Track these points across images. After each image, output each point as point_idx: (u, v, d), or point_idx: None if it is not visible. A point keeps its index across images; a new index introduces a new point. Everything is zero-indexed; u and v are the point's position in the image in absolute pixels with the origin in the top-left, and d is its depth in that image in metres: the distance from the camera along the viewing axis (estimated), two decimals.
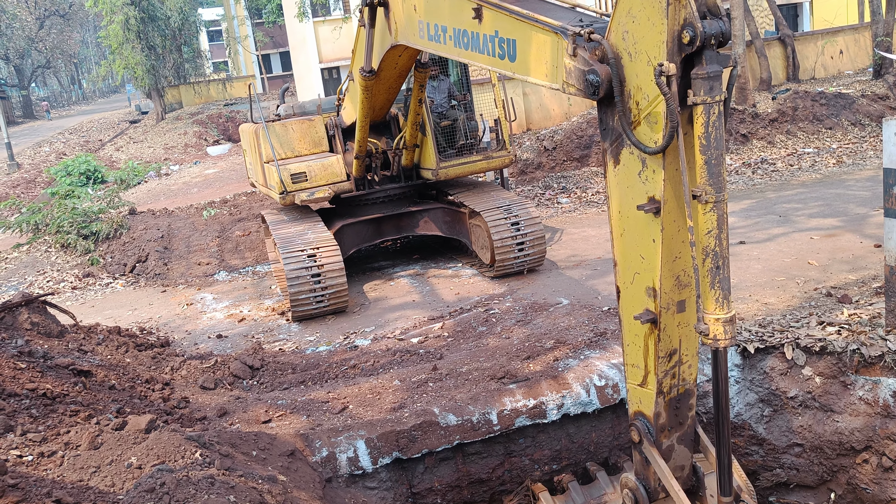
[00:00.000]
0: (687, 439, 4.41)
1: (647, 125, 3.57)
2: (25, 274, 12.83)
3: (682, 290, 3.92)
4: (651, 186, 3.67)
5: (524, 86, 19.24)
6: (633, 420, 4.39)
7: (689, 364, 4.17)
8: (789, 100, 17.47)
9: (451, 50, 5.05)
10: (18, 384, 5.24)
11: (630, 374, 4.29)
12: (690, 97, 3.41)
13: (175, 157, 27.37)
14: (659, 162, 3.58)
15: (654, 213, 3.69)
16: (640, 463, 4.47)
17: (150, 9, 33.24)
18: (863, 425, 5.86)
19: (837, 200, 11.40)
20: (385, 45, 6.94)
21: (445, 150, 10.20)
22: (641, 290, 3.96)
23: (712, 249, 3.54)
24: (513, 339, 7.47)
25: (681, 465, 4.44)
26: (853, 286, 7.64)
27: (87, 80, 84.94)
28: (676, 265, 3.84)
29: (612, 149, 3.84)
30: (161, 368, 7.43)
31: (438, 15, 5.16)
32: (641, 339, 4.09)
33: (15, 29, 53.21)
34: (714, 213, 3.50)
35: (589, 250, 10.55)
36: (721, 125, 3.44)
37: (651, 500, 4.50)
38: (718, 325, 3.60)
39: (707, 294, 3.60)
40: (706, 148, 3.44)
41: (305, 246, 9.02)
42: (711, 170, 3.45)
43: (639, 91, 3.54)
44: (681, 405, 4.28)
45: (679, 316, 3.98)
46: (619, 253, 4.04)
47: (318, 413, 6.21)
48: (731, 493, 4.10)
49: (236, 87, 43.10)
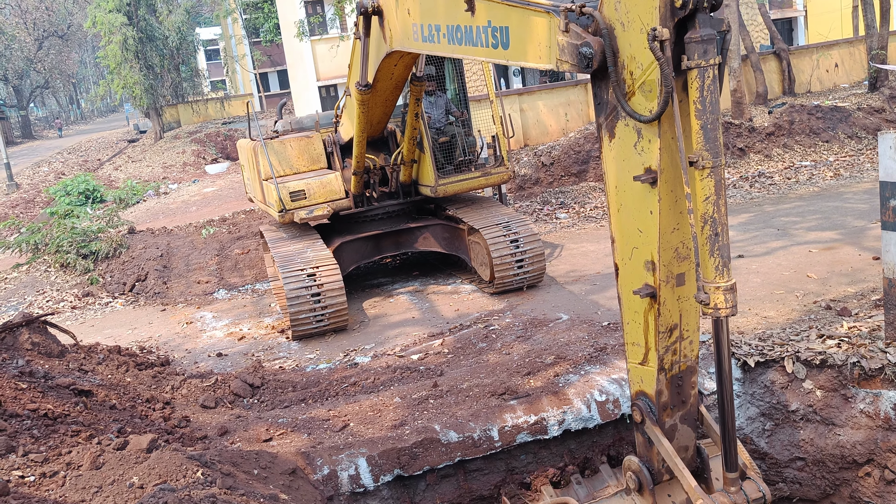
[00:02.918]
0: (690, 419, 4.31)
1: (641, 94, 3.56)
2: (25, 294, 12.82)
3: (681, 263, 3.88)
4: (647, 157, 3.64)
5: (521, 102, 19.35)
6: (635, 400, 4.29)
7: (691, 340, 4.11)
8: (786, 113, 17.55)
9: (446, 48, 5.08)
10: (20, 404, 5.24)
11: (631, 353, 4.21)
12: (684, 62, 3.40)
13: (174, 175, 27.43)
14: (654, 130, 3.56)
15: (651, 183, 3.65)
16: (642, 445, 4.37)
17: (148, 29, 33.47)
18: (864, 438, 5.86)
19: (835, 213, 11.43)
20: (381, 54, 7.00)
21: (444, 166, 10.23)
22: (640, 264, 3.90)
23: (710, 216, 3.50)
24: (513, 355, 7.47)
25: (684, 446, 4.33)
26: (852, 299, 7.65)
27: (85, 100, 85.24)
28: (675, 237, 3.80)
29: (608, 123, 3.82)
30: (161, 387, 7.41)
31: (432, 14, 5.21)
32: (641, 316, 4.02)
33: (14, 50, 53.46)
34: (712, 179, 3.47)
35: (588, 265, 10.56)
36: (716, 89, 3.42)
37: (655, 482, 4.37)
38: (719, 294, 3.54)
39: (706, 262, 3.54)
40: (702, 112, 3.42)
41: (305, 265, 9.02)
42: (708, 135, 3.43)
43: (632, 60, 3.53)
44: (683, 382, 4.19)
45: (679, 289, 3.92)
46: (616, 229, 4.00)
47: (319, 431, 6.19)
48: (738, 469, 4.01)
49: (234, 106, 43.27)
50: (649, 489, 4.36)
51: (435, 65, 10.72)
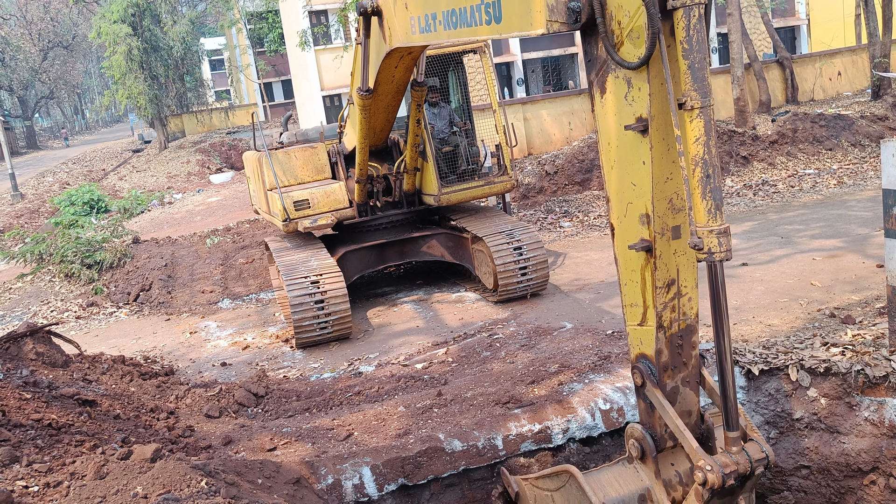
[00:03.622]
0: (692, 382, 4.20)
1: (630, 43, 3.61)
2: (30, 304, 12.86)
3: (676, 215, 3.86)
4: (638, 105, 3.66)
5: (525, 111, 19.39)
6: (635, 363, 4.19)
7: (689, 297, 4.04)
8: (789, 122, 17.56)
9: (443, 34, 5.15)
10: (24, 414, 5.25)
11: (629, 315, 4.15)
12: (670, 2, 3.43)
13: (178, 185, 27.53)
14: (643, 77, 3.58)
15: (643, 132, 3.66)
16: (644, 411, 4.25)
17: (152, 39, 33.65)
18: (869, 446, 5.84)
19: (839, 221, 11.42)
20: (381, 54, 7.12)
21: (447, 175, 10.25)
22: (635, 220, 3.89)
23: (701, 158, 3.49)
24: (517, 363, 7.47)
25: (687, 411, 4.20)
26: (856, 307, 7.64)
27: (90, 111, 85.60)
28: (668, 187, 3.79)
29: (598, 78, 3.85)
30: (166, 397, 7.42)
31: (430, 3, 5.29)
32: (638, 274, 3.98)
33: (19, 60, 53.79)
34: (701, 120, 3.47)
35: (592, 274, 10.56)
36: (702, 29, 3.44)
37: (658, 449, 4.24)
38: (712, 237, 3.49)
39: (698, 205, 3.52)
40: (688, 52, 3.43)
41: (309, 273, 9.05)
42: (695, 74, 3.44)
43: (619, 9, 3.59)
44: (683, 342, 4.10)
45: (675, 243, 3.89)
46: (611, 187, 3.99)
47: (324, 440, 6.19)
48: (738, 428, 3.91)
49: (239, 116, 43.44)
50: (652, 457, 4.23)
51: (439, 75, 10.76)
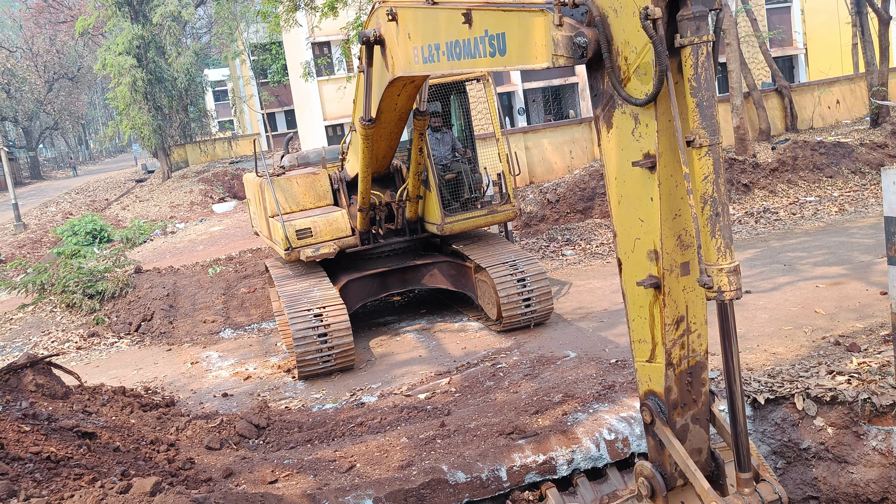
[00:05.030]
0: (702, 419, 4.16)
1: (637, 79, 3.59)
2: (31, 334, 12.82)
3: (685, 252, 3.84)
4: (645, 142, 3.65)
5: (527, 140, 19.49)
6: (644, 401, 4.14)
7: (699, 333, 4.01)
8: (789, 149, 17.63)
9: (446, 65, 5.17)
10: (22, 447, 5.20)
11: (637, 352, 4.11)
12: (678, 40, 3.43)
13: (181, 215, 27.59)
14: (651, 114, 3.58)
15: (651, 168, 3.65)
16: (653, 448, 4.20)
17: (157, 71, 33.97)
18: (878, 476, 5.77)
19: (841, 248, 11.40)
20: (384, 83, 7.17)
21: (450, 203, 10.25)
22: (643, 256, 3.87)
23: (710, 196, 3.48)
24: (521, 393, 7.41)
25: (697, 448, 4.16)
26: (861, 334, 7.59)
27: (94, 141, 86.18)
28: (677, 223, 3.77)
29: (605, 113, 3.84)
30: (166, 429, 7.36)
31: (432, 34, 5.33)
32: (647, 310, 3.94)
33: (24, 92, 54.25)
34: (709, 158, 3.46)
35: (595, 302, 10.53)
36: (710, 66, 3.44)
37: (668, 487, 4.17)
38: (722, 276, 3.48)
39: (708, 244, 3.51)
40: (696, 90, 3.44)
41: (312, 305, 8.99)
42: (704, 112, 3.44)
43: (626, 46, 3.58)
44: (693, 379, 4.06)
45: (684, 279, 3.87)
46: (618, 222, 3.97)
47: (326, 472, 6.13)
48: (750, 469, 3.86)
49: (242, 146, 43.69)
50: (662, 496, 4.17)
51: (441, 102, 10.82)
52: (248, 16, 36.30)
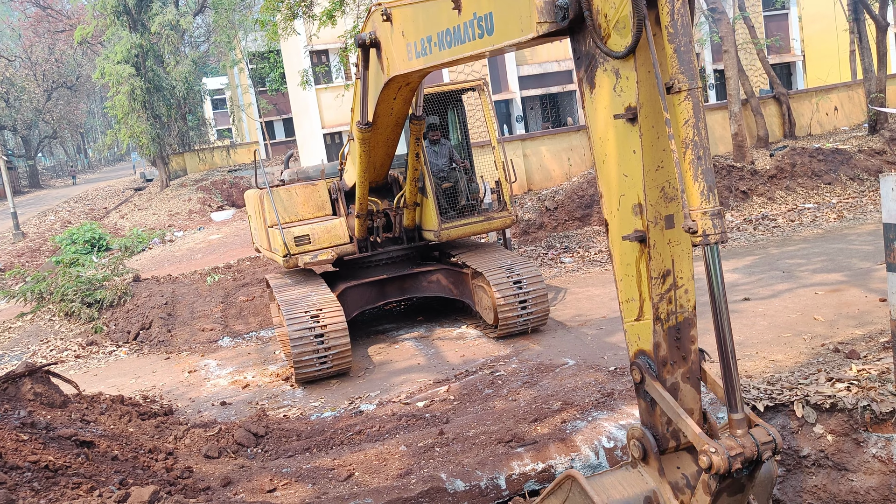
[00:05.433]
0: (693, 378, 4.12)
1: (616, 34, 3.69)
2: (29, 343, 12.80)
3: (669, 204, 3.86)
4: (626, 95, 3.73)
5: (525, 147, 19.51)
6: (634, 360, 4.12)
7: (686, 289, 4.01)
8: (787, 156, 17.66)
9: (439, 55, 5.29)
10: (20, 456, 5.18)
11: (626, 312, 4.11)
12: None
13: (179, 223, 27.59)
14: (631, 65, 3.66)
15: (632, 120, 3.71)
16: (644, 411, 4.16)
17: (155, 79, 34.03)
18: (878, 484, 5.75)
19: (840, 255, 11.41)
20: (380, 85, 7.27)
21: (447, 211, 10.29)
22: (628, 211, 3.90)
23: (691, 140, 3.51)
24: (519, 401, 7.40)
25: (689, 409, 4.10)
26: (860, 341, 7.59)
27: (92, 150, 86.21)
28: (660, 175, 3.81)
29: (587, 75, 3.92)
30: (164, 437, 7.34)
31: (425, 26, 5.43)
32: (633, 267, 3.96)
33: (23, 101, 54.31)
34: (689, 102, 3.51)
35: (594, 309, 10.52)
36: (686, 13, 3.51)
37: (661, 448, 4.11)
38: (706, 220, 3.49)
39: (691, 188, 3.53)
40: (674, 36, 3.50)
41: (309, 307, 9.04)
42: (682, 57, 3.50)
43: (605, 2, 3.69)
44: (681, 335, 4.04)
45: (668, 233, 3.89)
46: (603, 182, 4.02)
47: (324, 481, 6.11)
48: (742, 410, 3.80)
49: (240, 154, 43.78)
50: (654, 454, 4.11)
51: (438, 113, 10.87)
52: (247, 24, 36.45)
